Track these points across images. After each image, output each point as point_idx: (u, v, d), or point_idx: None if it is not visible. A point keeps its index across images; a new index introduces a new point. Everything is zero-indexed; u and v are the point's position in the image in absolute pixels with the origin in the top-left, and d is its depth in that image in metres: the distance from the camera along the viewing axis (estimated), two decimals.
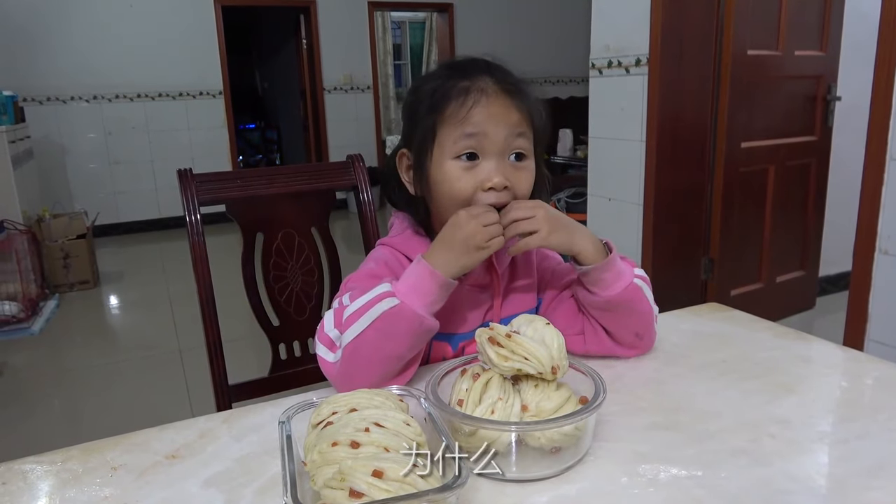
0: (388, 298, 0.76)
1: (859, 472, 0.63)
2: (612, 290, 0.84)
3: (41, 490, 0.65)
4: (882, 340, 1.86)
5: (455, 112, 0.82)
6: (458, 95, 0.82)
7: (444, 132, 0.84)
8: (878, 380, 0.84)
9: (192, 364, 2.90)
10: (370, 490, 0.49)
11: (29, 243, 3.69)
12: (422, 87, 0.88)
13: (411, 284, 0.77)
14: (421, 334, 0.78)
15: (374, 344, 0.76)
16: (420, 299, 0.76)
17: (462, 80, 0.83)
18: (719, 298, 2.56)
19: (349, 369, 0.77)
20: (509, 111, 0.83)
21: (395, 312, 0.75)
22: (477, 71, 0.84)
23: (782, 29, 2.73)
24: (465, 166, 0.83)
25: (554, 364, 0.65)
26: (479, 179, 0.83)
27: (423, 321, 0.76)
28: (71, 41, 5.47)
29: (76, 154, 5.67)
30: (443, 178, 0.84)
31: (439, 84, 0.85)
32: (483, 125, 0.82)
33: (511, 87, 0.83)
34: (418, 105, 0.87)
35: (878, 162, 1.80)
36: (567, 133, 4.55)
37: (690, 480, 0.61)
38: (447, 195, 0.85)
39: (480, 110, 0.82)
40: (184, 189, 1.14)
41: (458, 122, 0.82)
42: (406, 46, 8.70)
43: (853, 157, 2.17)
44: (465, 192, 0.83)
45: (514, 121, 0.83)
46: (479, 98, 0.82)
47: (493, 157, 0.83)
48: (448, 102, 0.83)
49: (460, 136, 0.82)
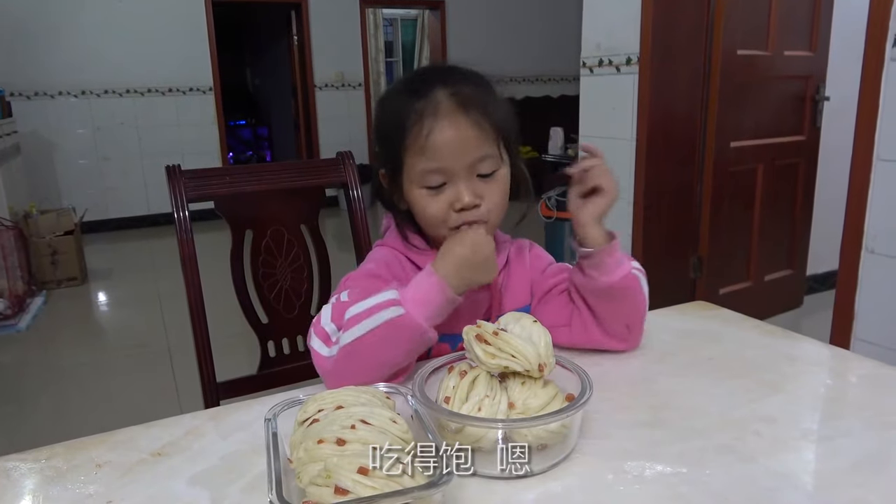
0: (393, 307, 0.75)
1: (844, 469, 0.63)
2: (613, 275, 0.85)
3: (24, 488, 0.64)
4: (868, 339, 1.88)
5: (414, 140, 0.82)
6: (414, 122, 0.81)
7: (409, 161, 0.84)
8: (863, 378, 0.84)
9: (181, 361, 2.88)
10: (356, 487, 0.49)
11: (16, 239, 3.65)
12: (383, 110, 0.88)
13: (420, 297, 0.77)
14: (421, 345, 0.78)
15: (372, 349, 0.76)
16: (426, 311, 0.76)
17: (417, 100, 0.82)
18: (708, 297, 2.58)
19: (343, 369, 0.77)
20: (465, 131, 0.81)
21: (399, 322, 0.75)
22: (429, 85, 0.83)
23: (772, 29, 2.74)
24: (434, 192, 0.84)
25: (541, 362, 0.66)
26: (448, 201, 0.84)
27: (425, 333, 0.76)
28: (59, 36, 5.42)
29: (64, 150, 5.62)
30: (415, 202, 0.86)
31: (398, 107, 0.84)
32: (442, 156, 0.81)
33: (463, 99, 0.81)
34: (382, 130, 0.88)
35: (865, 162, 1.81)
36: (558, 131, 4.55)
37: (676, 477, 0.62)
38: (422, 218, 0.87)
39: (437, 136, 0.80)
40: (172, 185, 1.13)
41: (418, 151, 0.82)
42: (398, 43, 8.67)
43: (841, 157, 2.19)
44: (438, 215, 0.84)
45: (474, 142, 0.82)
46: (432, 123, 0.81)
47: (459, 180, 0.83)
48: (406, 130, 0.82)
49: (424, 169, 0.83)
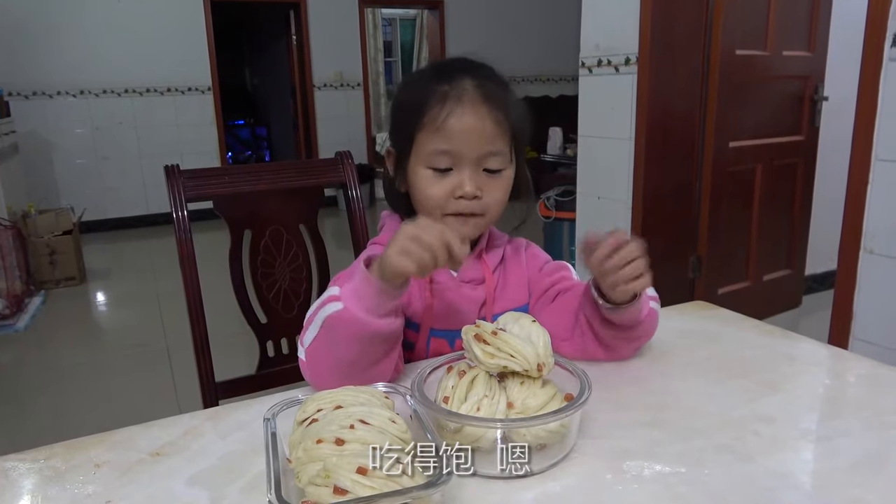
0: (332, 302, 0.73)
1: (843, 468, 0.63)
2: (639, 317, 0.82)
3: (23, 488, 0.64)
4: (866, 339, 1.88)
5: (432, 120, 0.82)
6: (436, 102, 0.82)
7: (421, 139, 0.84)
8: (861, 377, 0.84)
9: (180, 361, 2.88)
10: (354, 487, 0.49)
11: (14, 239, 3.65)
12: (407, 87, 0.89)
13: (353, 288, 0.73)
14: (369, 339, 0.73)
15: (324, 349, 0.75)
16: (360, 303, 0.72)
17: (442, 83, 0.83)
18: (707, 297, 2.58)
19: (312, 372, 0.77)
20: (484, 122, 0.82)
21: (337, 317, 0.72)
22: (458, 72, 0.84)
23: (770, 29, 2.74)
24: (439, 175, 0.84)
25: (540, 361, 0.66)
26: (451, 187, 0.84)
27: (366, 325, 0.72)
28: (58, 35, 5.41)
29: (63, 149, 5.61)
30: (417, 181, 0.86)
31: (421, 85, 0.85)
32: (456, 141, 0.82)
33: (489, 92, 0.83)
34: (402, 105, 0.88)
35: (864, 161, 1.81)
36: (557, 131, 4.55)
37: (675, 477, 0.62)
38: (420, 198, 0.87)
39: (455, 121, 0.81)
40: (171, 185, 1.13)
41: (434, 131, 0.82)
42: (397, 43, 8.66)
43: (840, 157, 2.19)
44: (437, 198, 0.85)
45: (489, 134, 0.82)
46: (454, 107, 0.82)
47: (466, 168, 0.84)
48: (426, 108, 0.83)
49: (434, 149, 0.83)
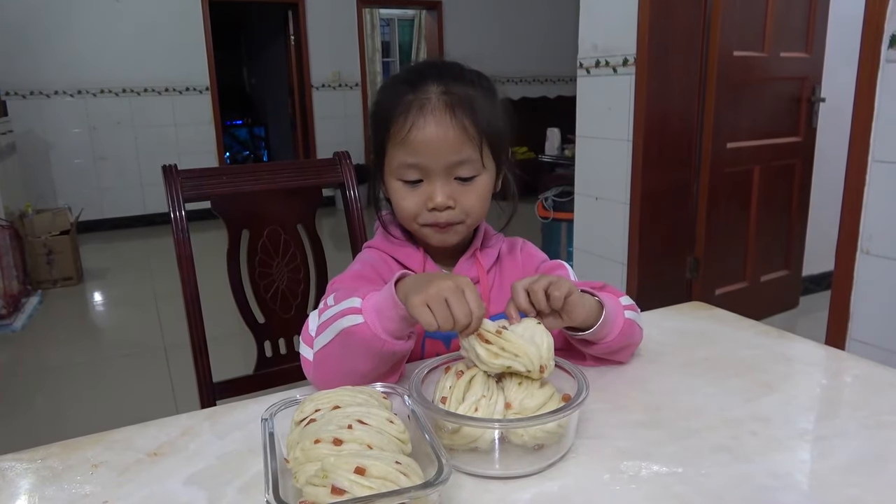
0: (353, 315, 0.72)
1: (839, 468, 0.63)
2: (610, 335, 0.82)
3: (20, 488, 0.64)
4: (863, 339, 1.89)
5: (397, 132, 0.81)
6: (400, 113, 0.81)
7: (390, 151, 0.84)
8: (857, 378, 0.85)
9: (177, 361, 2.88)
10: (352, 487, 0.49)
11: (11, 239, 3.64)
12: (378, 95, 0.88)
13: (376, 304, 0.72)
14: (384, 356, 0.73)
15: (337, 357, 0.75)
16: (382, 323, 0.71)
17: (408, 92, 0.82)
18: (704, 297, 2.58)
19: (319, 376, 0.77)
20: (447, 132, 0.80)
21: (355, 331, 0.71)
22: (425, 79, 0.82)
23: (768, 31, 2.75)
24: (410, 187, 0.84)
25: (542, 363, 0.66)
26: (422, 199, 0.84)
27: (384, 344, 0.71)
28: (55, 35, 5.40)
29: (60, 149, 5.59)
30: (391, 193, 0.86)
31: (391, 95, 0.84)
32: (422, 153, 0.81)
33: (453, 99, 0.80)
34: (373, 115, 0.88)
35: (861, 163, 1.82)
36: (555, 132, 4.56)
37: (672, 477, 0.62)
38: (396, 210, 0.87)
39: (417, 133, 0.80)
40: (168, 185, 1.13)
41: (399, 143, 0.82)
42: (395, 44, 8.66)
43: (837, 158, 2.19)
44: (410, 210, 0.85)
45: (454, 143, 0.80)
46: (416, 118, 0.80)
47: (436, 179, 0.83)
48: (392, 120, 0.82)
49: (402, 162, 0.82)
